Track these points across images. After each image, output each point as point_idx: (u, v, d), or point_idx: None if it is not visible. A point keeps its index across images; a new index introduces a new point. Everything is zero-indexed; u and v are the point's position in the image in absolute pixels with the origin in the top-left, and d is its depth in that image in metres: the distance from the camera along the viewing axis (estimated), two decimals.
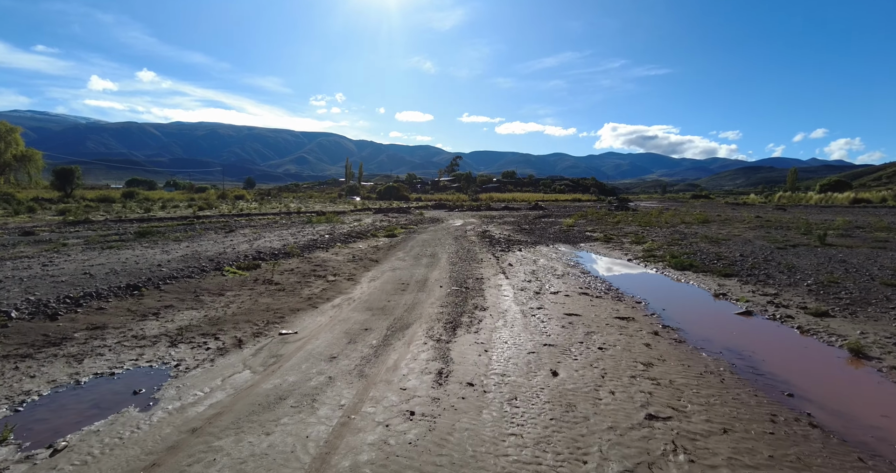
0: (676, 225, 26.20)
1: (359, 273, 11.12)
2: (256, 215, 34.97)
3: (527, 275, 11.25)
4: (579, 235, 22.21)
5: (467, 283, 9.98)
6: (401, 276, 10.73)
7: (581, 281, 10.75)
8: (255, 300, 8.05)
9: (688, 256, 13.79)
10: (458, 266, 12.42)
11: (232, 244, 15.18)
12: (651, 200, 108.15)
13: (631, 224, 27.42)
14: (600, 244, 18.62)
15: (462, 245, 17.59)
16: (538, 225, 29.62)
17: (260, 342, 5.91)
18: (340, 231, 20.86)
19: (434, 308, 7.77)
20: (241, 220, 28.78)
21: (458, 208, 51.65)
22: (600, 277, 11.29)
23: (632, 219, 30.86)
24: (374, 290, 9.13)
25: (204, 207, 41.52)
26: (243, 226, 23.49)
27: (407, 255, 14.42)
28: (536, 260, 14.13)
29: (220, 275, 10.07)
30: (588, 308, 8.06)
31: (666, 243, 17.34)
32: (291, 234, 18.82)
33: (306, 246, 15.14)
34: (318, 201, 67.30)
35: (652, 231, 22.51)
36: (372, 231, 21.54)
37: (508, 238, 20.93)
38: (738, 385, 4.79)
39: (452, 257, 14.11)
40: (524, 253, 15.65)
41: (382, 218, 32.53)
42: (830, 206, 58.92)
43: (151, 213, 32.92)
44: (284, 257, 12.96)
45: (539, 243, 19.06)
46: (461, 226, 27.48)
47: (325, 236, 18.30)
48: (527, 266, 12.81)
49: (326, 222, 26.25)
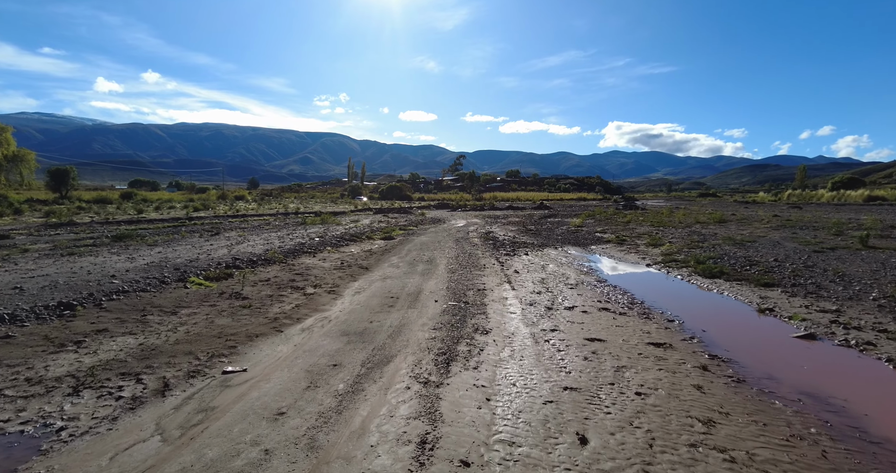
0: (691, 225, 24.72)
1: (343, 283, 9.74)
2: (252, 216, 33.75)
3: (536, 285, 9.84)
4: (589, 237, 20.77)
5: (467, 296, 8.58)
6: (391, 288, 9.33)
7: (598, 292, 9.34)
8: (210, 321, 6.69)
9: (714, 261, 12.34)
10: (458, 274, 11.02)
11: (211, 248, 13.84)
12: (657, 199, 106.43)
13: (642, 224, 25.95)
14: (613, 247, 17.19)
15: (463, 248, 16.20)
16: (544, 225, 28.20)
17: (193, 386, 4.53)
18: (334, 233, 19.49)
19: (425, 331, 6.37)
20: (234, 222, 27.57)
21: (462, 208, 50.24)
22: (620, 287, 9.86)
23: (642, 219, 29.39)
24: (356, 307, 7.74)
25: (199, 208, 40.31)
26: (233, 227, 22.18)
27: (402, 261, 13.03)
28: (545, 265, 12.72)
29: (183, 288, 8.72)
30: (612, 329, 6.65)
31: (685, 245, 15.90)
32: (279, 237, 17.47)
33: (292, 251, 13.78)
34: (318, 201, 66.04)
35: (667, 232, 21.05)
36: (368, 233, 20.17)
37: (513, 240, 19.52)
38: (852, 464, 3.37)
39: (452, 263, 12.71)
40: (531, 258, 14.25)
41: (381, 218, 31.17)
42: (844, 204, 57.22)
43: (143, 215, 31.68)
44: (264, 264, 11.59)
45: (547, 246, 17.65)
46: (463, 227, 26.08)
47: (316, 239, 16.94)
48: (535, 273, 11.40)
49: (321, 223, 24.90)
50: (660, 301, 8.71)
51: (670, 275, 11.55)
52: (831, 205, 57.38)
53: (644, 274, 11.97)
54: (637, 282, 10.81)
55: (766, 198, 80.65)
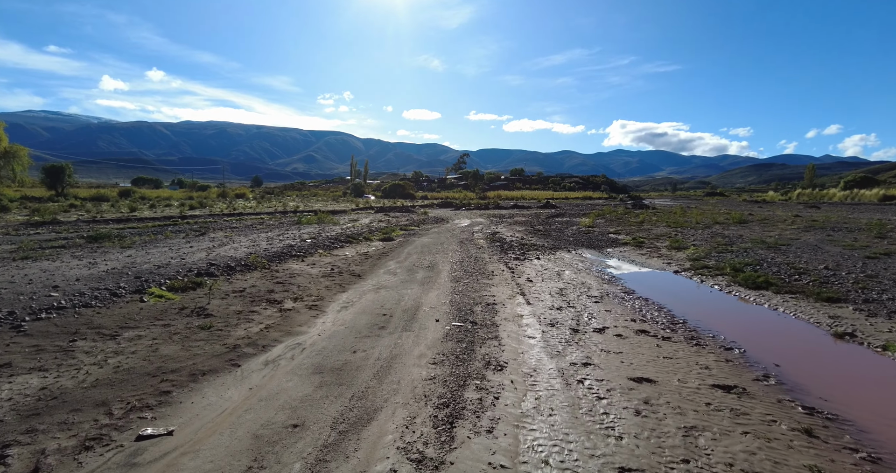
0: (710, 225, 23.22)
1: (330, 295, 8.33)
2: (249, 214, 32.49)
3: (554, 298, 8.43)
4: (603, 238, 19.32)
5: (474, 314, 7.16)
6: (385, 301, 7.93)
7: (629, 306, 7.92)
8: (153, 349, 5.30)
9: (753, 268, 10.88)
10: (463, 283, 9.61)
11: (189, 251, 12.47)
12: (662, 198, 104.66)
13: (657, 224, 24.47)
14: (632, 250, 15.75)
15: (468, 251, 14.79)
16: (553, 225, 26.76)
17: (80, 467, 3.13)
18: (328, 234, 18.11)
19: (422, 367, 4.96)
20: (228, 220, 26.33)
21: (465, 206, 48.80)
22: (652, 301, 8.43)
23: (656, 219, 27.90)
24: (339, 328, 6.33)
25: (196, 206, 39.01)
26: (223, 227, 20.84)
27: (400, 266, 11.63)
28: (561, 272, 11.30)
29: (138, 301, 7.34)
30: (660, 363, 5.24)
31: (712, 249, 14.44)
32: (269, 238, 16.10)
33: (278, 255, 12.40)
34: (320, 200, 64.73)
35: (686, 233, 19.58)
36: (365, 233, 18.77)
37: (522, 241, 18.10)
38: None
39: (456, 269, 11.30)
40: (544, 263, 12.83)
41: (382, 218, 29.77)
42: (860, 204, 55.55)
43: (136, 213, 30.40)
44: (243, 270, 10.21)
45: (559, 248, 16.22)
46: (467, 227, 24.67)
47: (307, 241, 15.55)
48: (551, 282, 9.98)
49: (317, 223, 23.52)
50: (705, 319, 7.28)
51: (705, 284, 10.11)
52: (846, 204, 55.70)
53: (675, 283, 10.53)
54: (670, 294, 9.38)
55: (776, 198, 78.87)
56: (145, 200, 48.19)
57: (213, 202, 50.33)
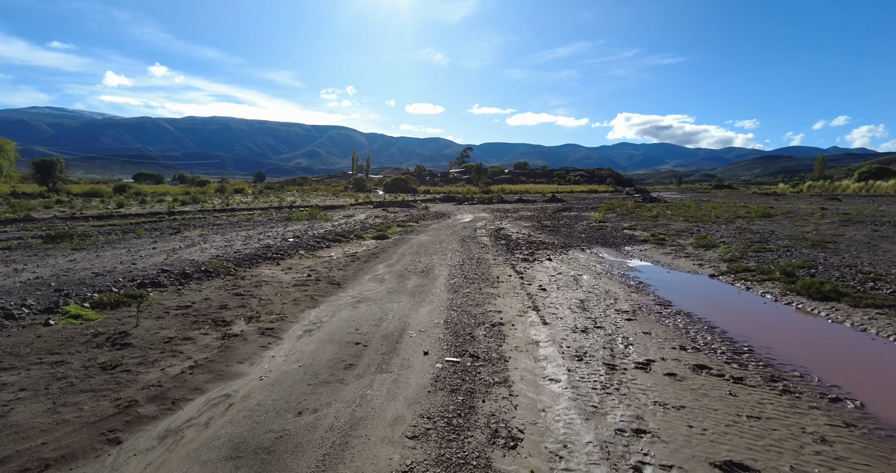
0: (732, 219, 21.45)
1: (295, 312, 6.66)
2: (241, 210, 30.98)
3: (575, 314, 6.74)
4: (618, 234, 17.59)
5: (475, 340, 5.48)
6: (362, 321, 6.25)
7: (671, 325, 6.23)
8: (4, 411, 3.66)
9: (808, 272, 9.17)
10: (463, 294, 7.92)
11: (148, 253, 10.82)
12: (668, 191, 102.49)
13: (674, 219, 22.70)
14: (653, 248, 14.03)
15: (470, 251, 13.09)
16: (561, 220, 25.03)
17: None
18: (316, 232, 16.44)
19: (395, 444, 3.28)
20: (219, 216, 24.89)
21: (468, 201, 47.05)
22: (697, 317, 6.73)
23: (671, 213, 26.13)
24: (290, 368, 4.65)
25: (188, 202, 37.41)
26: (205, 224, 19.23)
27: (390, 271, 9.95)
28: (578, 277, 9.61)
29: (42, 324, 5.70)
30: (745, 427, 3.56)
31: (746, 247, 12.71)
32: (247, 237, 14.45)
33: (251, 257, 10.73)
34: (320, 195, 63.11)
35: (709, 228, 17.83)
36: (358, 231, 17.08)
37: (529, 239, 16.40)
38: None
39: (455, 274, 9.61)
40: (556, 265, 11.13)
41: (379, 213, 28.08)
42: (878, 196, 53.54)
43: (122, 210, 28.84)
44: (201, 278, 8.56)
45: (571, 246, 14.52)
46: (470, 223, 22.96)
47: (290, 240, 13.86)
48: (568, 290, 8.29)
49: (308, 219, 21.86)
50: (776, 345, 5.58)
51: (753, 292, 8.39)
52: (863, 196, 53.71)
53: (715, 291, 8.81)
54: (715, 306, 7.66)
55: (787, 190, 76.67)
56: (140, 196, 46.68)
57: (209, 197, 48.81)
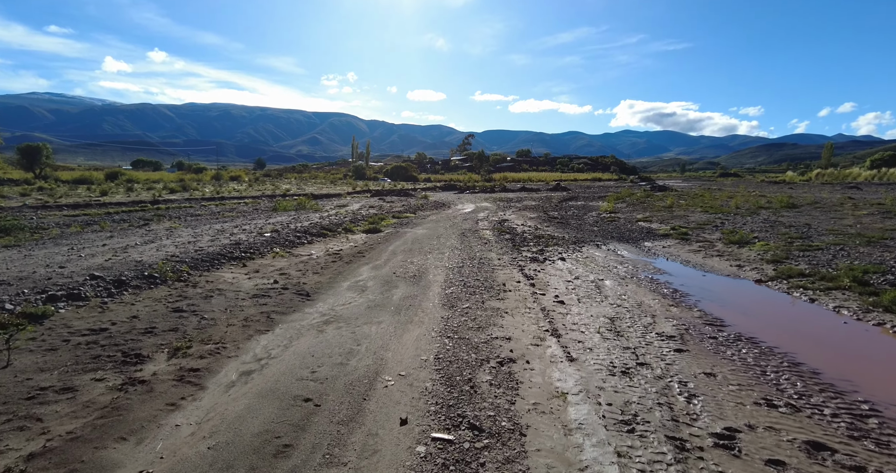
0: (755, 210, 19.79)
1: (239, 340, 5.08)
2: (231, 199, 29.42)
3: (607, 341, 5.17)
4: (633, 227, 15.96)
5: (477, 394, 3.88)
6: (324, 354, 4.67)
7: (737, 359, 4.65)
8: None
9: (885, 278, 7.57)
10: (461, 309, 6.33)
11: (91, 252, 9.24)
12: (672, 179, 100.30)
13: (691, 210, 21.03)
14: (678, 244, 12.41)
15: (471, 248, 11.48)
16: (568, 211, 23.39)
17: None
18: (300, 224, 14.84)
19: None
20: (207, 205, 23.51)
21: (470, 190, 45.33)
22: (767, 345, 5.14)
23: (685, 203, 24.44)
24: (194, 454, 3.06)
25: (177, 190, 35.76)
26: (182, 215, 17.65)
27: (375, 275, 8.36)
28: (599, 282, 8.01)
29: None
30: None
31: (787, 245, 11.08)
32: (220, 231, 12.85)
33: (214, 257, 9.14)
34: (318, 182, 61.37)
35: (733, 221, 16.19)
36: (347, 223, 15.46)
37: (537, 232, 14.79)
38: None
39: (452, 280, 8.01)
40: (571, 265, 9.53)
41: (375, 203, 26.43)
42: (892, 183, 51.74)
43: (104, 198, 27.25)
44: (140, 286, 6.97)
45: (584, 241, 12.91)
46: (471, 214, 21.33)
47: (266, 234, 12.24)
48: (591, 303, 6.71)
49: (296, 209, 20.24)
50: None
51: (820, 306, 6.79)
52: (879, 184, 51.87)
53: (772, 303, 7.20)
54: (784, 327, 6.04)
55: (796, 178, 74.53)
56: (131, 183, 45.12)
57: (203, 185, 47.26)
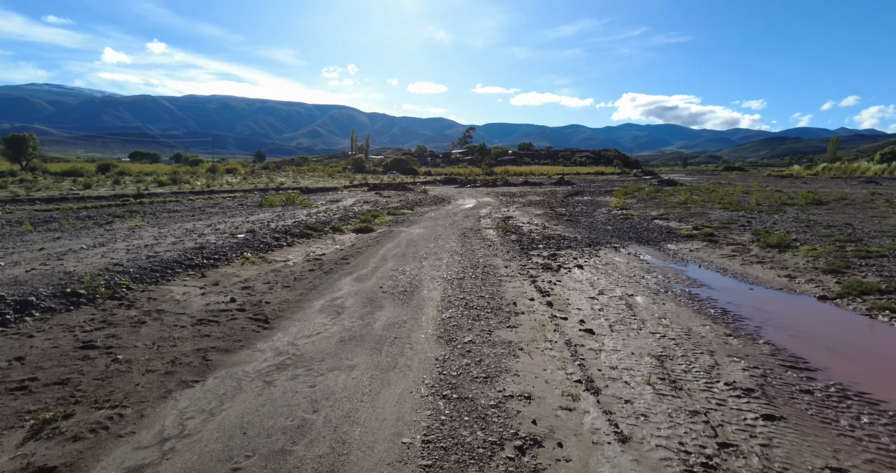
0: (778, 207, 18.30)
1: (145, 403, 3.62)
2: (220, 192, 28.01)
3: (664, 400, 3.69)
4: (650, 226, 14.46)
5: None
6: (258, 434, 3.21)
7: (864, 439, 3.21)
8: None
9: None
10: (462, 345, 4.83)
11: (15, 260, 7.78)
12: (675, 173, 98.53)
13: (707, 206, 19.53)
14: (706, 247, 10.93)
15: (473, 252, 10.00)
16: (576, 207, 21.90)
17: None
18: (284, 222, 13.33)
19: None
20: (195, 200, 22.33)
21: (471, 183, 43.75)
22: (890, 408, 3.72)
23: (700, 199, 22.92)
24: None
25: (166, 183, 34.31)
26: (158, 211, 16.18)
27: (357, 290, 6.89)
28: (630, 299, 6.54)
29: None
30: None
31: (837, 249, 9.59)
32: (188, 231, 11.34)
33: (167, 265, 7.66)
34: (315, 175, 59.84)
35: (761, 219, 14.71)
36: (336, 221, 13.94)
37: (545, 232, 13.31)
38: None
39: (451, 298, 6.53)
40: (592, 275, 8.05)
41: (371, 197, 24.91)
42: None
43: (86, 191, 25.80)
44: (53, 309, 5.49)
45: (599, 243, 11.44)
46: (473, 210, 19.83)
47: (240, 236, 10.72)
48: (627, 332, 5.24)
49: (283, 204, 18.74)
50: None
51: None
52: (887, 178, 50.29)
53: (857, 331, 5.69)
54: (893, 372, 4.62)
55: (803, 172, 72.75)
56: (122, 176, 43.68)
57: (197, 178, 45.86)
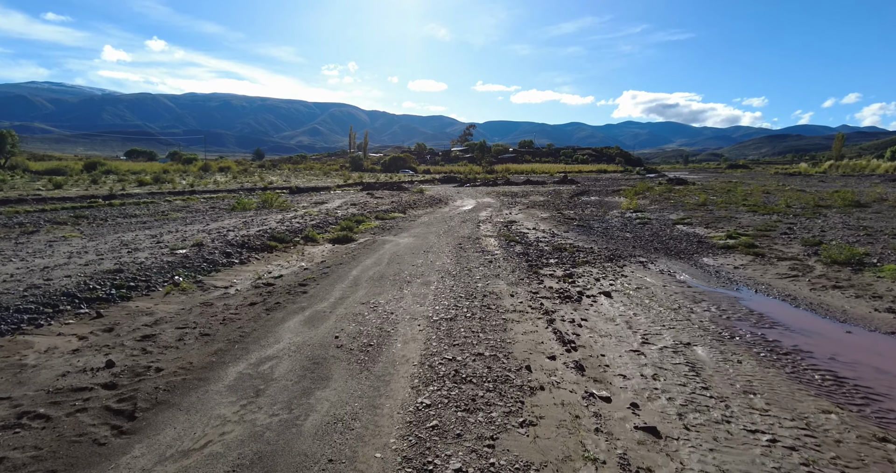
0: (813, 209, 16.32)
1: None
2: (203, 192, 26.18)
3: None
4: (674, 234, 12.43)
5: None
6: None
7: None
8: None
9: None
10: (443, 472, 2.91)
11: None
12: (677, 170, 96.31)
13: (730, 208, 17.56)
14: (753, 263, 8.92)
15: (470, 272, 7.97)
16: (585, 209, 19.88)
17: None
18: (246, 232, 11.32)
19: None
20: (173, 201, 21.07)
21: (470, 182, 41.68)
22: None
23: (721, 200, 20.90)
24: None
25: (147, 182, 32.32)
26: (107, 216, 14.22)
27: (302, 344, 4.87)
28: (688, 352, 4.50)
29: None
30: None
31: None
32: (122, 245, 9.35)
33: (48, 300, 5.66)
34: (310, 174, 57.91)
35: (803, 224, 12.73)
36: (309, 230, 11.90)
37: (554, 241, 11.28)
38: None
39: (435, 356, 4.45)
40: (626, 308, 6.01)
41: (361, 199, 22.86)
42: None
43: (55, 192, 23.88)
44: None
45: (621, 256, 9.43)
46: (472, 213, 17.82)
47: (180, 252, 8.72)
48: (705, 423, 3.24)
49: (257, 208, 16.71)
50: None
51: None
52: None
53: None
54: None
55: (811, 170, 70.58)
56: (108, 174, 41.81)
57: (186, 176, 44.03)
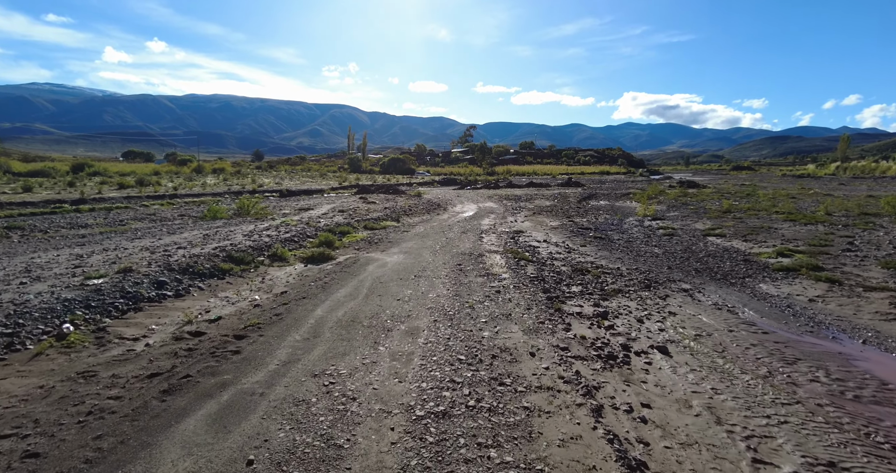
0: (863, 217, 14.39)
1: None
2: (185, 196, 24.58)
3: None
4: (709, 248, 10.41)
5: None
6: None
7: None
8: None
9: None
10: None
11: None
12: (679, 172, 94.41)
13: (763, 216, 15.65)
14: (831, 292, 6.94)
15: (472, 309, 5.92)
16: (597, 215, 17.93)
17: None
18: (203, 249, 9.33)
19: None
20: (150, 206, 19.89)
21: (471, 185, 39.68)
22: None
23: (747, 206, 18.95)
24: None
25: (129, 185, 30.43)
26: (53, 226, 12.28)
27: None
28: None
29: None
30: None
31: None
32: (23, 271, 7.41)
33: None
34: (306, 176, 56.03)
35: (864, 238, 10.79)
36: (277, 246, 9.90)
37: (571, 257, 9.28)
38: None
39: None
40: (692, 374, 3.91)
41: (352, 204, 20.83)
42: None
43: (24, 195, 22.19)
44: None
45: (657, 281, 7.44)
46: (473, 221, 15.83)
47: (95, 282, 6.76)
48: None
49: (230, 217, 14.74)
50: None
51: None
52: None
53: None
54: None
55: (819, 172, 68.52)
56: (95, 176, 40.13)
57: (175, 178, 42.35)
